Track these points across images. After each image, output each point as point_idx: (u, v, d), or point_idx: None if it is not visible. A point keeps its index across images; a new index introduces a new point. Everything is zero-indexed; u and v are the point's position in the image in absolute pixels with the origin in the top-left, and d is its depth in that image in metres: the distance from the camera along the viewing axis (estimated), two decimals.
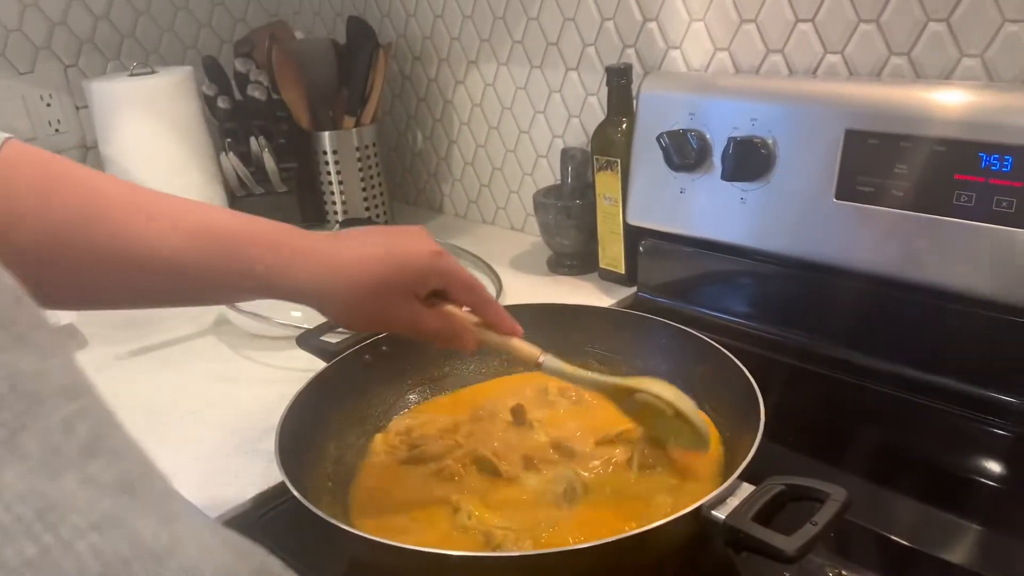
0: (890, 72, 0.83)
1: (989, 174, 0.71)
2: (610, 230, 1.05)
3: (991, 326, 0.75)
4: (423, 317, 0.61)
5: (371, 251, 0.59)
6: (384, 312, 0.60)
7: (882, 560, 0.62)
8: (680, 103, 0.92)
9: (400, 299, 0.60)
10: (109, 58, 1.34)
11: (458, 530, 0.61)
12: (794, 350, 0.88)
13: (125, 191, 0.53)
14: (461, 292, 0.63)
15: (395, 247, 0.60)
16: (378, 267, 0.58)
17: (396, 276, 0.59)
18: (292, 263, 0.56)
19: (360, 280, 0.58)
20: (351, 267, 0.58)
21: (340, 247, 0.59)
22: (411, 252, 0.60)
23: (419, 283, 0.60)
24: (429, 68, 1.33)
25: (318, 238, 0.59)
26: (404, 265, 0.59)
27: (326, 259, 0.57)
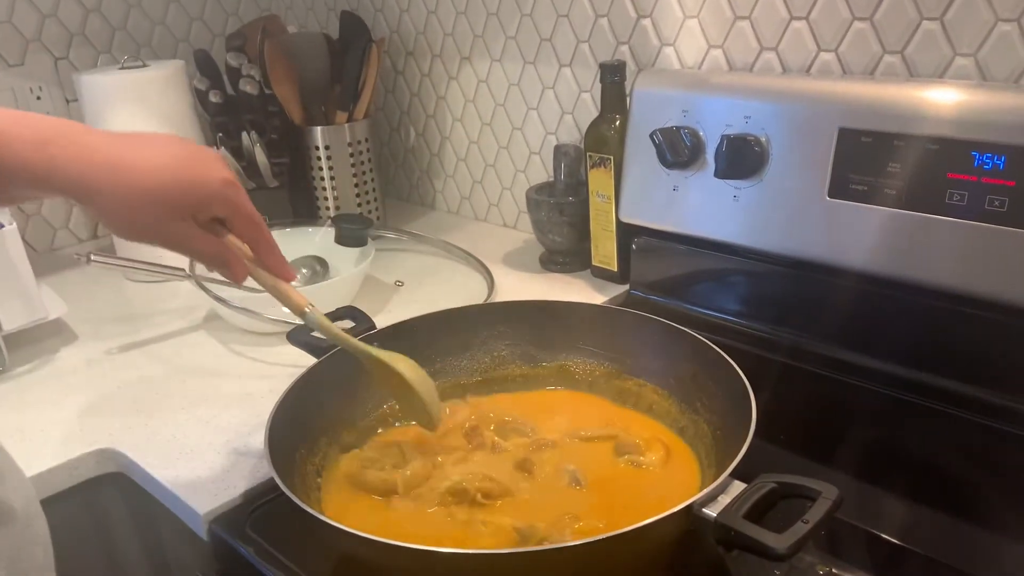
0: (883, 70, 0.83)
1: (982, 173, 0.71)
2: (603, 227, 1.05)
3: (983, 325, 0.75)
4: (196, 238, 0.60)
5: (161, 160, 0.57)
6: (157, 225, 0.58)
7: (873, 558, 0.62)
8: (673, 100, 0.92)
9: (177, 217, 0.58)
10: (100, 51, 1.33)
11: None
12: (786, 348, 0.88)
13: None
14: (243, 226, 0.63)
15: (187, 165, 0.58)
16: (165, 179, 0.57)
17: (180, 195, 0.58)
18: (68, 159, 0.55)
19: (142, 185, 0.56)
20: (135, 170, 0.56)
21: (129, 147, 0.57)
22: (202, 175, 0.59)
23: (202, 207, 0.59)
24: (422, 63, 1.33)
25: (105, 134, 0.57)
26: (192, 185, 0.58)
27: (110, 156, 0.56)
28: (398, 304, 1.07)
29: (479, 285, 1.10)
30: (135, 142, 0.58)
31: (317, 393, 0.72)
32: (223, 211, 0.61)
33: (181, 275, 1.00)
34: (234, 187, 0.60)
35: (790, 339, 0.89)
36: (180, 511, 0.72)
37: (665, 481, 0.67)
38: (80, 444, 0.80)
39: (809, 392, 0.84)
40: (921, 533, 0.64)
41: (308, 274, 1.09)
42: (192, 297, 1.08)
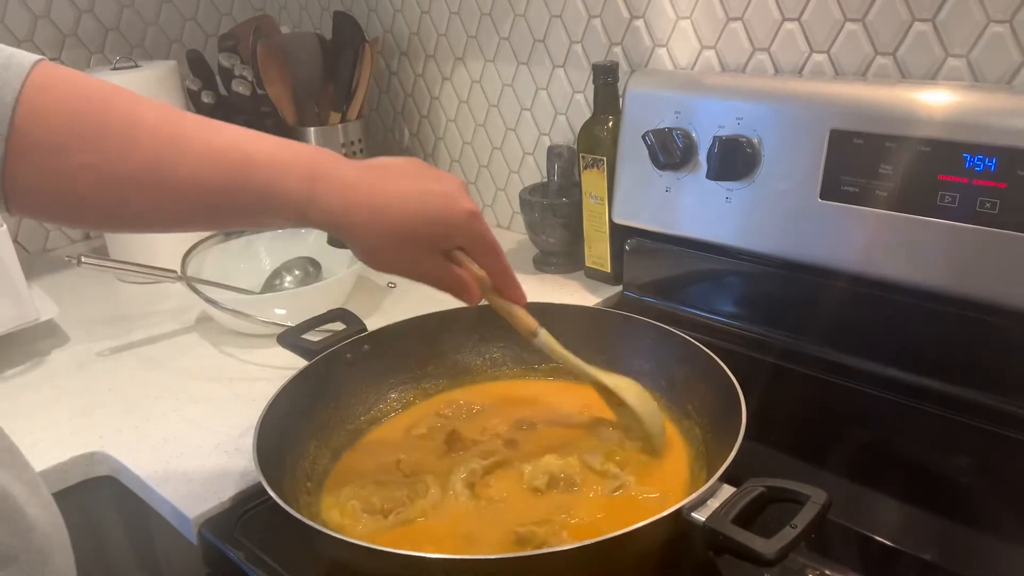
0: (875, 72, 0.83)
1: (973, 175, 0.71)
2: (596, 228, 1.05)
3: (974, 327, 0.75)
4: (441, 270, 0.63)
5: (411, 197, 0.59)
6: (407, 259, 0.61)
7: (864, 560, 0.62)
8: (666, 101, 0.92)
9: (427, 251, 0.61)
10: (92, 51, 1.33)
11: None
12: (778, 350, 0.88)
13: (160, 116, 0.54)
14: (482, 254, 0.64)
15: (432, 199, 0.60)
16: (412, 216, 0.59)
17: (428, 228, 0.60)
18: (329, 193, 0.57)
19: (393, 225, 0.59)
20: (389, 209, 0.59)
21: (381, 181, 0.59)
22: (447, 208, 0.61)
23: (447, 239, 0.62)
24: (416, 64, 1.33)
25: (357, 166, 0.59)
26: (438, 220, 0.60)
27: (366, 193, 0.58)
28: (390, 306, 1.06)
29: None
30: (386, 174, 0.60)
31: (308, 396, 0.72)
32: (466, 242, 0.63)
33: (173, 277, 0.99)
34: (477, 218, 0.62)
35: (782, 341, 0.89)
36: (170, 515, 0.72)
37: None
38: (71, 447, 0.80)
39: (801, 394, 0.84)
40: (912, 535, 0.65)
41: (300, 276, 1.09)
42: (184, 299, 1.08)
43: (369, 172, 0.59)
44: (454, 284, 0.64)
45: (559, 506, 0.63)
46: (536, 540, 0.59)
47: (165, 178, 0.52)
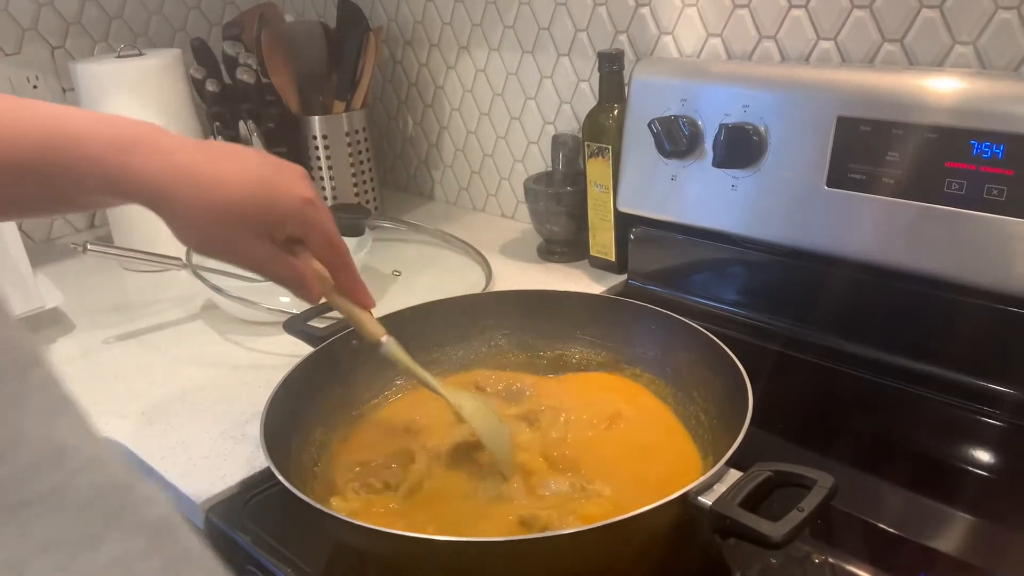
0: (883, 59, 0.83)
1: (980, 162, 0.71)
2: (601, 217, 1.04)
3: (981, 314, 0.75)
4: (271, 259, 0.59)
5: (240, 175, 0.56)
6: (232, 241, 0.57)
7: (869, 547, 0.62)
8: (672, 89, 0.92)
9: (254, 235, 0.57)
10: (96, 40, 1.32)
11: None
12: (784, 338, 0.88)
13: None
14: (320, 248, 0.61)
15: (267, 181, 0.57)
16: (242, 194, 0.56)
17: (256, 211, 0.56)
18: (146, 162, 0.53)
19: (219, 199, 0.55)
20: (213, 182, 0.55)
21: (210, 159, 0.56)
22: (281, 193, 0.58)
23: (278, 225, 0.58)
24: (420, 53, 1.32)
25: (187, 142, 0.57)
26: (269, 201, 0.57)
27: (189, 165, 0.55)
28: (395, 294, 1.06)
29: (477, 275, 1.10)
30: (217, 154, 0.57)
31: (313, 382, 0.72)
32: (299, 230, 0.59)
33: (178, 264, 0.99)
34: (312, 206, 0.59)
35: (788, 328, 0.89)
36: (177, 500, 0.72)
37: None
38: None
39: (806, 381, 0.84)
40: (917, 521, 0.65)
41: None
42: (189, 286, 1.08)
43: (198, 148, 0.57)
44: (289, 276, 0.60)
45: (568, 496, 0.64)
46: (540, 523, 0.59)
47: None
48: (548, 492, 0.63)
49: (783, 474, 0.54)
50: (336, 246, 0.62)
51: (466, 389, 0.70)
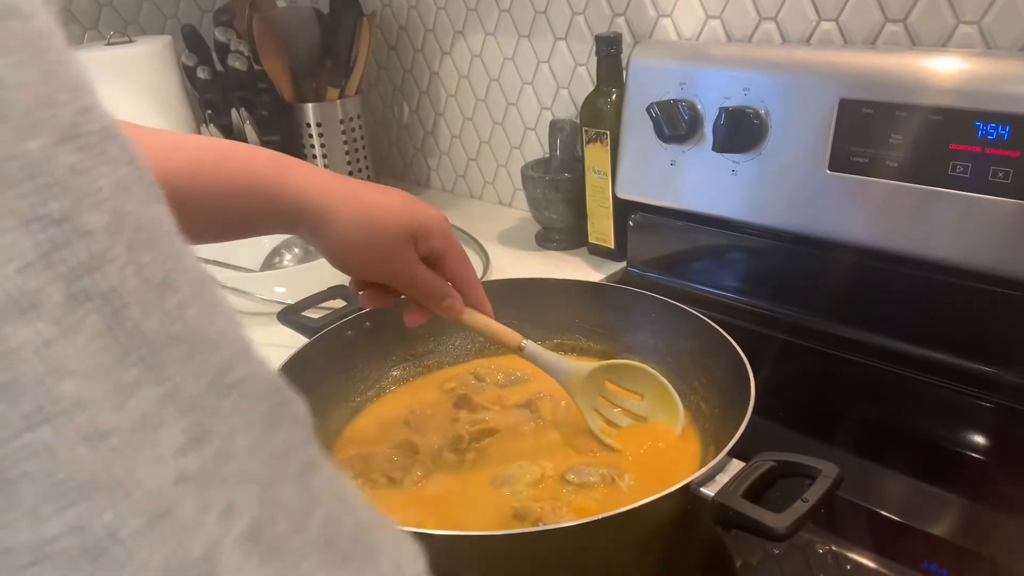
0: (885, 40, 0.81)
1: (985, 144, 0.69)
2: (599, 204, 1.03)
3: (987, 299, 0.74)
4: (421, 270, 0.61)
5: (388, 196, 0.59)
6: (385, 255, 0.59)
7: (873, 535, 0.61)
8: (671, 73, 0.90)
9: (404, 247, 0.59)
10: (87, 27, 1.30)
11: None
12: (786, 325, 0.87)
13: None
14: (456, 262, 0.63)
15: (412, 201, 0.60)
16: (395, 203, 0.59)
17: (409, 219, 0.59)
18: (301, 173, 0.56)
19: (376, 206, 0.57)
20: (369, 192, 0.58)
21: (356, 184, 0.59)
22: (425, 208, 0.61)
23: (426, 237, 0.60)
24: (415, 38, 1.31)
25: (332, 173, 0.60)
26: (418, 216, 0.59)
27: (337, 183, 0.57)
28: None
29: (474, 264, 1.08)
30: (358, 182, 0.60)
31: (308, 374, 0.71)
32: (441, 243, 0.61)
33: None
34: (449, 224, 0.62)
35: (790, 315, 0.88)
36: None
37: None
38: None
39: (809, 369, 0.83)
40: (921, 510, 0.64)
41: (300, 253, 1.08)
42: None
43: (337, 175, 0.60)
44: (438, 288, 0.62)
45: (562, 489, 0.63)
46: (533, 516, 0.58)
47: None
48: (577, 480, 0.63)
49: (786, 464, 0.53)
50: (468, 260, 0.64)
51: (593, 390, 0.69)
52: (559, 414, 0.71)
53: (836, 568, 0.58)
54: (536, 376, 0.77)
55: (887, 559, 0.58)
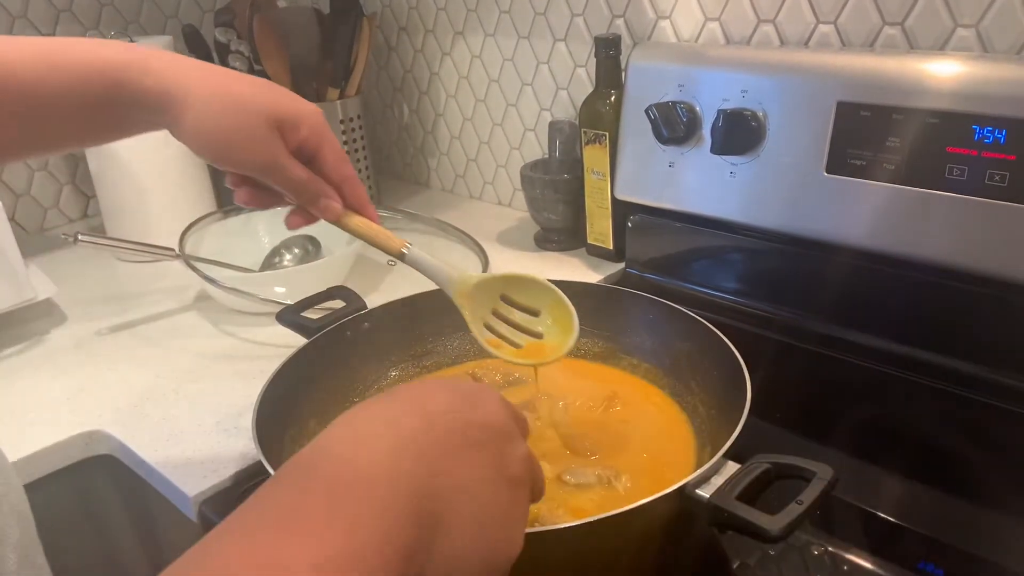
0: (883, 42, 0.82)
1: (982, 147, 0.70)
2: (598, 205, 1.03)
3: (982, 302, 0.74)
4: (290, 163, 0.56)
5: (252, 83, 0.56)
6: (247, 143, 0.54)
7: (869, 537, 0.62)
8: (669, 75, 0.90)
9: (267, 134, 0.55)
10: (87, 27, 1.31)
11: None
12: (782, 326, 0.87)
13: None
14: (332, 158, 0.58)
15: (278, 90, 0.57)
16: (259, 90, 0.55)
17: (273, 103, 0.55)
18: (157, 58, 0.53)
19: (236, 90, 0.54)
20: (231, 81, 0.54)
21: (220, 71, 0.56)
22: (295, 98, 0.57)
23: (294, 127, 0.56)
24: (415, 39, 1.31)
25: (195, 60, 0.57)
26: (284, 104, 0.55)
27: (199, 72, 0.54)
28: (390, 284, 1.05)
29: (473, 264, 1.09)
30: (224, 68, 0.57)
31: (307, 373, 0.71)
32: (313, 136, 0.57)
33: (171, 255, 0.98)
34: (323, 118, 0.57)
35: (786, 317, 0.88)
36: (170, 493, 0.71)
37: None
38: (70, 426, 0.79)
39: (806, 370, 0.83)
40: (918, 511, 0.64)
41: (300, 254, 1.08)
42: (182, 277, 1.07)
43: (197, 61, 0.56)
44: (307, 181, 0.57)
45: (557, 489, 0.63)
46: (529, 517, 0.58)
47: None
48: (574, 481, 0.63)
49: (782, 466, 0.53)
50: (347, 159, 0.60)
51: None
52: (556, 415, 0.71)
53: (833, 569, 0.58)
54: (534, 377, 0.77)
55: (883, 560, 0.58)
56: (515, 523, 0.39)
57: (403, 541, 0.32)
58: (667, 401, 0.73)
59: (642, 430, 0.70)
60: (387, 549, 0.31)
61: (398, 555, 0.31)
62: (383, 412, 0.38)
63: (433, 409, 0.38)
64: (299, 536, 0.30)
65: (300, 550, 0.29)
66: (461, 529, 0.36)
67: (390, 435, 0.35)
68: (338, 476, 0.33)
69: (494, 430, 0.39)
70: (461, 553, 0.36)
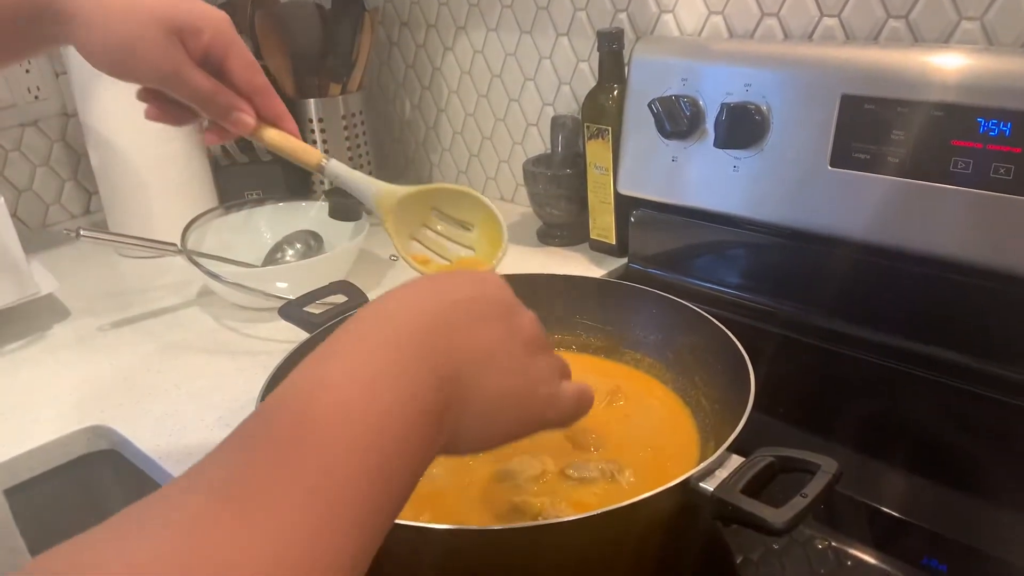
0: (888, 35, 0.81)
1: (987, 140, 0.69)
2: (601, 200, 1.03)
3: (987, 295, 0.74)
4: (195, 73, 0.53)
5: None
6: (145, 46, 0.51)
7: (872, 531, 0.61)
8: (673, 68, 0.90)
9: (166, 42, 0.52)
10: None
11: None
12: (786, 321, 0.87)
13: None
14: (241, 68, 0.55)
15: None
16: (152, 1, 0.52)
17: (169, 16, 0.52)
18: None
19: (129, 6, 0.51)
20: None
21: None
22: (197, 3, 0.54)
23: (195, 34, 0.53)
24: (417, 34, 1.31)
25: None
26: (183, 10, 0.52)
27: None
28: (393, 279, 1.05)
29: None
30: None
31: None
32: (218, 43, 0.54)
33: (173, 250, 0.98)
34: (231, 24, 0.54)
35: (790, 311, 0.88)
36: None
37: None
38: (72, 421, 0.79)
39: (810, 365, 0.83)
40: (922, 506, 0.64)
41: (302, 249, 1.08)
42: (184, 272, 1.07)
43: None
44: (224, 99, 0.54)
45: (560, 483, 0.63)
46: (532, 511, 0.58)
47: None
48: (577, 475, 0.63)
49: (786, 459, 0.53)
50: (259, 68, 0.57)
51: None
52: None
53: (836, 564, 0.58)
54: None
55: (887, 555, 0.58)
56: (538, 383, 0.42)
57: (427, 403, 0.35)
58: (670, 396, 0.73)
59: (645, 425, 0.70)
60: (411, 408, 0.34)
61: (424, 416, 0.34)
62: (397, 296, 0.40)
63: (441, 289, 0.41)
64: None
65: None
66: (483, 394, 0.38)
67: (404, 312, 0.38)
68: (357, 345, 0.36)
69: (498, 302, 0.42)
70: (487, 416, 0.39)
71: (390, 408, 0.33)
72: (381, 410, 0.32)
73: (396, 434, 0.33)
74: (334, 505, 0.29)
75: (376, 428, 0.32)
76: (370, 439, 0.31)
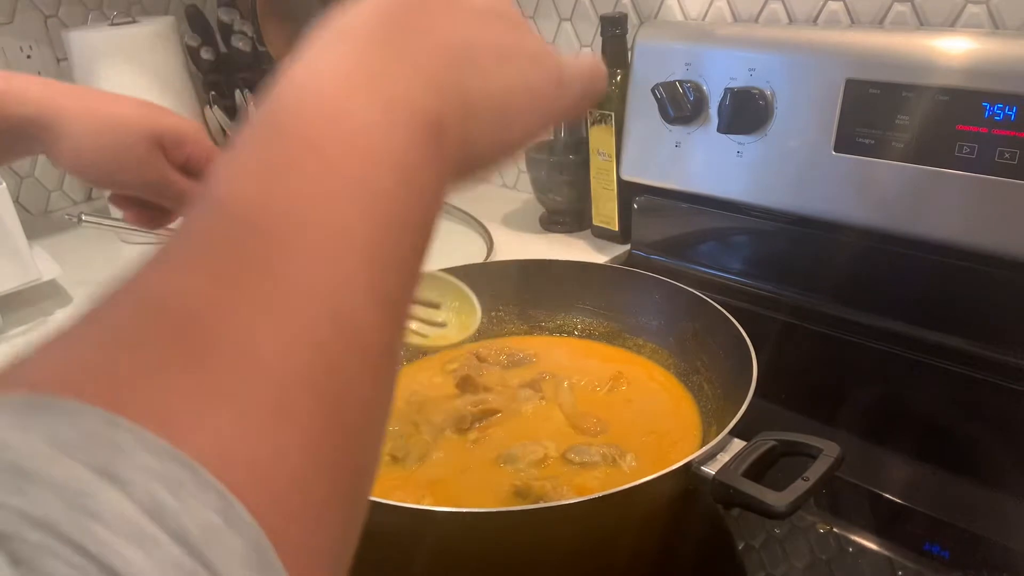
0: (893, 19, 0.81)
1: (992, 124, 0.69)
2: (603, 186, 1.03)
3: (992, 281, 0.73)
4: (177, 178, 0.56)
5: (127, 104, 0.55)
6: (129, 165, 0.54)
7: (874, 517, 0.61)
8: (676, 53, 0.89)
9: (149, 154, 0.54)
10: (90, 8, 1.30)
11: None
12: (789, 306, 0.87)
13: None
14: None
15: (154, 108, 0.56)
16: (135, 105, 0.54)
17: (150, 129, 0.54)
18: (27, 79, 0.53)
19: (112, 109, 0.53)
20: (106, 102, 0.54)
21: (93, 93, 0.56)
22: (171, 115, 0.57)
23: (177, 144, 0.55)
24: None
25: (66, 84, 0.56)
26: (162, 123, 0.55)
27: (70, 96, 0.53)
28: None
29: (478, 246, 1.08)
30: (97, 90, 0.57)
31: None
32: (198, 151, 0.57)
33: None
34: (205, 132, 0.58)
35: (794, 297, 0.87)
36: None
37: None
38: None
39: (812, 350, 0.82)
40: (923, 491, 0.64)
41: None
42: None
43: (70, 84, 0.55)
44: None
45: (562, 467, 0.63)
46: (534, 494, 0.58)
47: None
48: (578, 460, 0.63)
49: (788, 443, 0.53)
50: None
51: None
52: (562, 395, 0.71)
53: (838, 549, 0.58)
54: (539, 357, 0.77)
55: (889, 541, 0.58)
56: (542, 58, 0.35)
57: (418, 110, 0.27)
58: (672, 381, 0.73)
59: (647, 410, 0.70)
60: (400, 117, 0.27)
61: (421, 129, 0.27)
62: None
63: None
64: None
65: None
66: (487, 88, 0.31)
67: (363, 6, 0.30)
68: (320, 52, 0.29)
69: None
70: (498, 116, 0.32)
71: (375, 119, 0.26)
72: (365, 122, 0.26)
73: (388, 148, 0.26)
74: (341, 261, 0.23)
75: (363, 148, 0.25)
76: (356, 162, 0.25)
